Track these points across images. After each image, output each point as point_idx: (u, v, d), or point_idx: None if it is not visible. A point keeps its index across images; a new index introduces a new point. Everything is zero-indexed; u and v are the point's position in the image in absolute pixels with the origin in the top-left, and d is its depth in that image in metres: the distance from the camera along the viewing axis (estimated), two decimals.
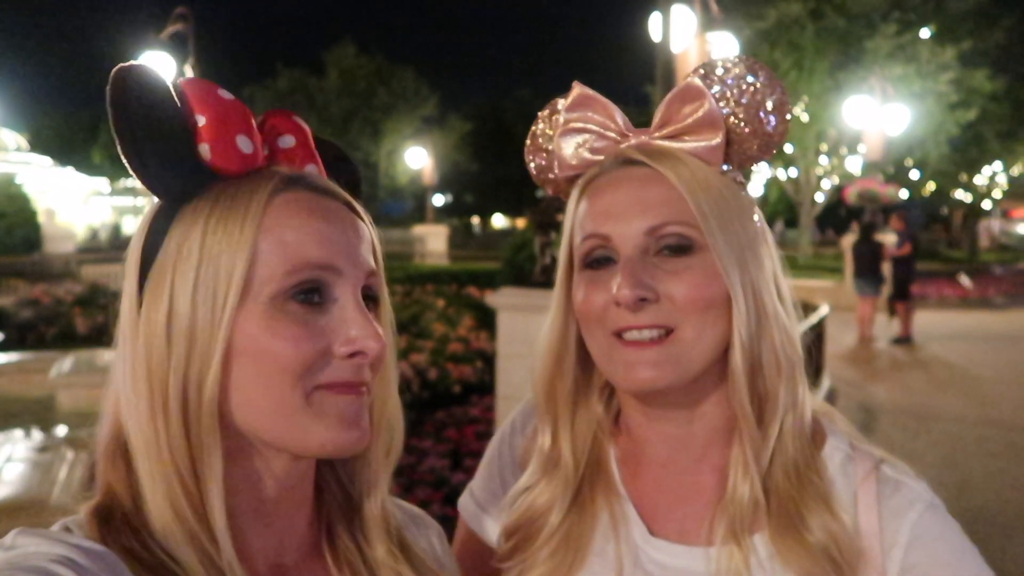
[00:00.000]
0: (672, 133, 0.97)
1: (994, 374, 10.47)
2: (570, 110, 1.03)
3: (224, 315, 0.73)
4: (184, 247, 0.75)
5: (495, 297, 5.08)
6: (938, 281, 20.36)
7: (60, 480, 3.97)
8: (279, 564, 0.84)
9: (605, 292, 0.94)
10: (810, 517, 0.90)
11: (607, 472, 1.05)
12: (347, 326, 0.77)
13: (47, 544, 0.66)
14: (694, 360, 0.93)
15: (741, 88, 0.97)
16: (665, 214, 0.93)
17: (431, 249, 24.59)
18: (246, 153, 0.78)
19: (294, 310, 0.75)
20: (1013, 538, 5.10)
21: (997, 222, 48.13)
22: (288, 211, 0.77)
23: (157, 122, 0.74)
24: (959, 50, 23.12)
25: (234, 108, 0.79)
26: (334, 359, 0.76)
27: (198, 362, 0.74)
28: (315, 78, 37.84)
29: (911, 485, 0.94)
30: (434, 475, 4.99)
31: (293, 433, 0.76)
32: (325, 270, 0.77)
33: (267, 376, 0.74)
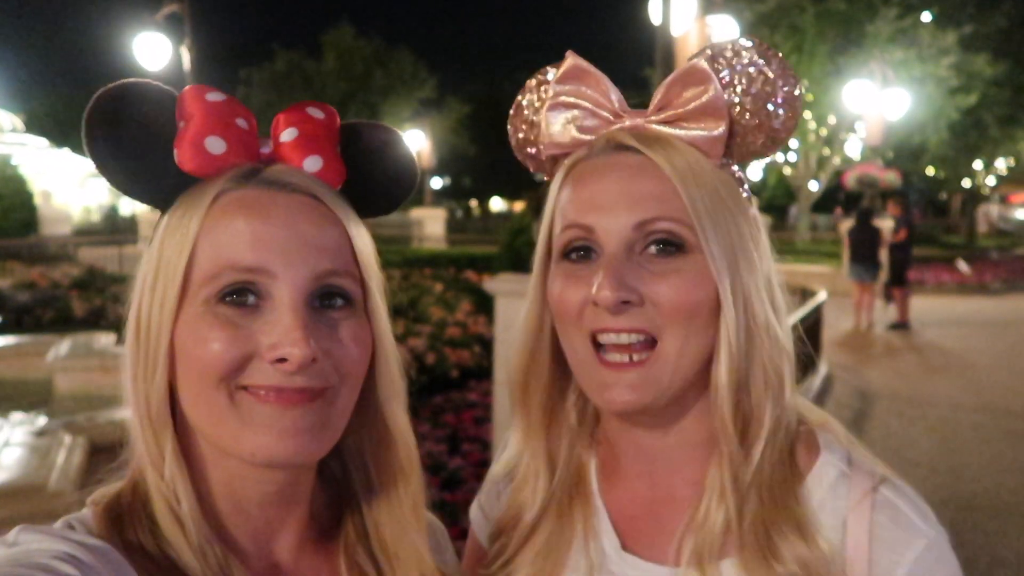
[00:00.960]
0: (670, 118, 0.88)
1: (991, 360, 10.50)
2: (561, 82, 0.94)
3: (165, 315, 0.75)
4: (151, 251, 0.79)
5: (493, 283, 5.07)
6: (936, 267, 20.37)
7: (58, 465, 3.97)
8: (274, 560, 0.84)
9: (584, 289, 0.86)
10: (783, 545, 0.83)
11: (585, 481, 1.00)
12: (274, 331, 0.74)
13: (50, 541, 0.67)
14: (675, 378, 0.86)
15: (751, 75, 0.88)
16: (656, 208, 0.85)
17: (429, 233, 24.54)
18: (215, 154, 0.77)
19: (224, 312, 0.75)
20: (1008, 523, 5.13)
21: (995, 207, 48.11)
22: (226, 212, 0.76)
23: (123, 138, 0.76)
24: (960, 34, 23.00)
25: (216, 109, 0.79)
26: (261, 363, 0.74)
27: (150, 362, 0.77)
28: (312, 60, 37.56)
29: (911, 516, 0.84)
30: (431, 460, 5.01)
31: (224, 437, 0.76)
32: (254, 272, 0.75)
33: (195, 377, 0.75)
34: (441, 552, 1.01)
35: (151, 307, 0.76)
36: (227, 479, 0.80)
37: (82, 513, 0.78)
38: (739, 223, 0.87)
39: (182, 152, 0.77)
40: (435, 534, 1.02)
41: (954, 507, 5.21)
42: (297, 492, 0.85)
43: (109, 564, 0.67)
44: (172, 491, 0.76)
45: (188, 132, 0.77)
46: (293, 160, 0.82)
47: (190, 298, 0.75)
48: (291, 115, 0.84)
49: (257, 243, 0.75)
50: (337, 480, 0.91)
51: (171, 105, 0.79)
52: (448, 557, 1.02)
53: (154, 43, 13.00)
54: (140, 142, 0.77)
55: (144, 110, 0.77)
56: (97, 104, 0.76)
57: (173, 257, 0.76)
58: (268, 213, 0.76)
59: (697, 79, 0.88)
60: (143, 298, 0.77)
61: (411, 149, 0.92)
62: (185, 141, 0.77)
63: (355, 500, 0.90)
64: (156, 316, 0.76)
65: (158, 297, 0.76)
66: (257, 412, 0.75)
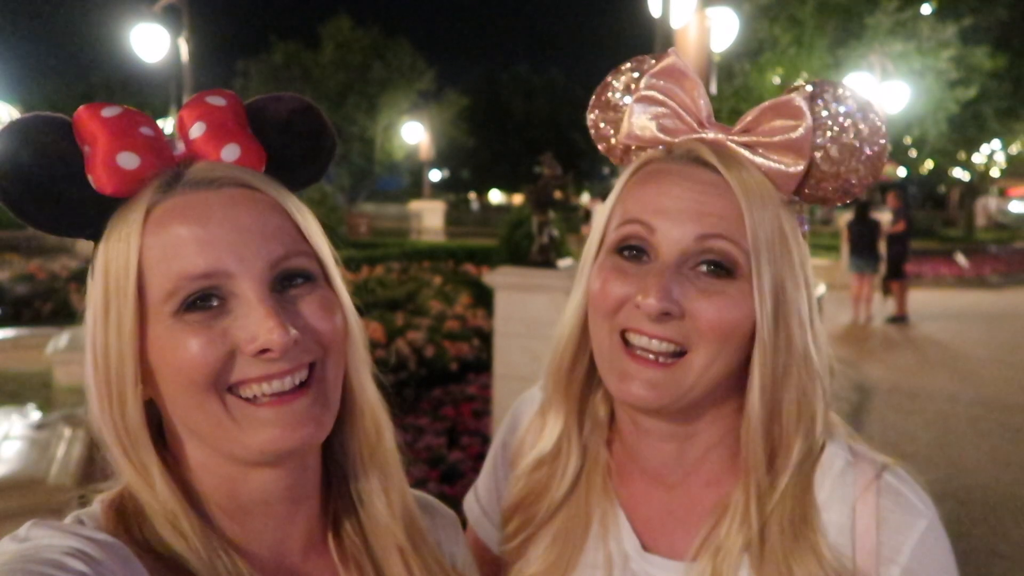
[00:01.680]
0: (752, 143, 0.89)
1: (988, 353, 10.52)
2: (657, 77, 0.94)
3: (125, 341, 0.74)
4: (95, 277, 0.77)
5: (492, 276, 5.07)
6: (934, 260, 20.37)
7: (58, 458, 3.96)
8: (283, 560, 0.84)
9: (628, 287, 0.88)
10: (797, 569, 0.86)
11: (603, 479, 1.02)
12: (248, 325, 0.74)
13: (60, 536, 0.67)
14: (696, 388, 0.88)
15: (844, 125, 0.88)
16: (719, 226, 0.86)
17: (427, 225, 24.49)
18: (130, 170, 0.75)
19: (193, 319, 0.74)
20: (1005, 517, 5.15)
21: (994, 200, 48.09)
22: (163, 223, 0.75)
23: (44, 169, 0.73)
24: (960, 27, 22.94)
25: (117, 124, 0.76)
26: (244, 357, 0.74)
27: (119, 387, 0.75)
28: (310, 51, 37.39)
29: (911, 499, 0.89)
30: (431, 453, 5.02)
31: (227, 441, 0.76)
32: (210, 277, 0.74)
33: (183, 388, 0.74)
34: (452, 544, 1.00)
35: (107, 335, 0.75)
36: (228, 482, 0.79)
37: (91, 509, 0.78)
38: (792, 256, 0.88)
39: (97, 176, 0.75)
40: (446, 525, 1.02)
41: (952, 501, 5.23)
42: (304, 487, 0.85)
43: (119, 560, 0.67)
44: (167, 509, 0.76)
45: (97, 154, 0.75)
46: (209, 154, 0.80)
47: (152, 316, 0.74)
48: (193, 109, 0.82)
49: (204, 248, 0.74)
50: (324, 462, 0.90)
51: (68, 132, 0.76)
52: (460, 550, 1.01)
53: (152, 35, 12.94)
54: (50, 179, 0.74)
55: (43, 145, 0.74)
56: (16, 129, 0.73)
57: (120, 281, 0.74)
58: (206, 215, 0.75)
59: (791, 113, 0.88)
60: (96, 328, 0.76)
61: (319, 110, 0.89)
62: (97, 164, 0.75)
63: (340, 478, 0.89)
64: (115, 342, 0.74)
65: (113, 323, 0.75)
66: (255, 415, 0.75)
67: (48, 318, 9.61)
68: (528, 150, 43.03)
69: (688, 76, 0.93)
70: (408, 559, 0.88)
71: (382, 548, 0.88)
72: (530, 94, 51.62)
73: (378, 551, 0.87)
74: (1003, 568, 4.49)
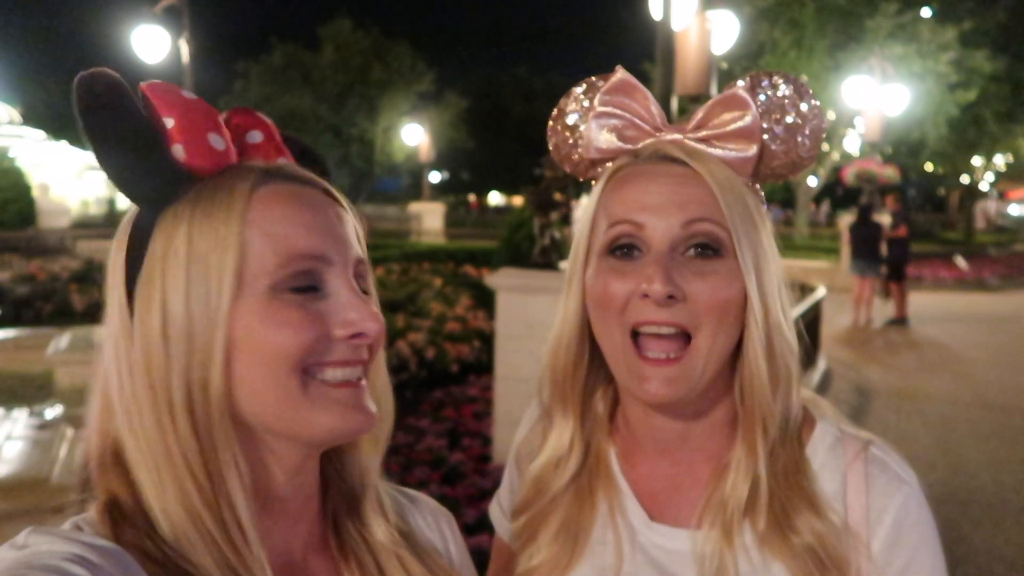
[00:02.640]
0: (707, 137, 0.97)
1: (988, 356, 10.53)
2: (608, 93, 1.02)
3: (220, 312, 0.74)
4: (171, 249, 0.75)
5: (494, 278, 5.08)
6: (934, 263, 20.40)
7: (60, 458, 3.97)
8: (289, 558, 0.84)
9: (629, 283, 0.94)
10: (797, 520, 0.94)
11: (606, 466, 1.07)
12: (344, 310, 0.78)
13: (60, 543, 0.66)
14: (707, 371, 0.95)
15: (784, 108, 0.98)
16: (700, 211, 0.94)
17: (427, 227, 24.50)
18: (219, 150, 0.78)
19: (292, 299, 0.76)
20: (1006, 519, 5.15)
21: (994, 203, 48.11)
22: (272, 203, 0.77)
23: (127, 128, 0.74)
24: (960, 30, 22.97)
25: (200, 107, 0.79)
26: (333, 342, 0.77)
27: (200, 362, 0.74)
28: (310, 53, 37.43)
29: (896, 468, 0.97)
30: (432, 454, 5.02)
31: (299, 421, 0.77)
32: (316, 259, 0.77)
33: (269, 365, 0.74)
34: (446, 541, 1.01)
35: (191, 306, 0.74)
36: (258, 475, 0.79)
37: (88, 515, 0.76)
38: (761, 233, 0.97)
39: (188, 148, 0.77)
40: (440, 522, 1.02)
41: (952, 503, 5.23)
42: (313, 485, 0.87)
43: (119, 565, 0.66)
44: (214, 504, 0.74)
45: (186, 129, 0.77)
46: (265, 160, 0.83)
47: (245, 289, 0.75)
48: (247, 118, 0.85)
49: (313, 231, 0.78)
50: None
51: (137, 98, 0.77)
52: (453, 548, 1.02)
53: (153, 36, 12.96)
54: (138, 133, 0.75)
55: (133, 101, 0.75)
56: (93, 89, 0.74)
57: (214, 251, 0.74)
58: (312, 204, 0.80)
59: (737, 104, 0.97)
60: (171, 298, 0.74)
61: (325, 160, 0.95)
62: (187, 137, 0.77)
63: (335, 475, 0.91)
64: (202, 315, 0.73)
65: (199, 294, 0.73)
66: (329, 395, 0.78)
67: (49, 319, 9.60)
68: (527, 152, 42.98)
69: (638, 88, 1.02)
70: (404, 551, 0.89)
71: (382, 546, 0.89)
72: (530, 96, 51.66)
73: (378, 549, 0.88)
74: (1003, 570, 4.49)
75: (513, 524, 1.10)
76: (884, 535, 0.93)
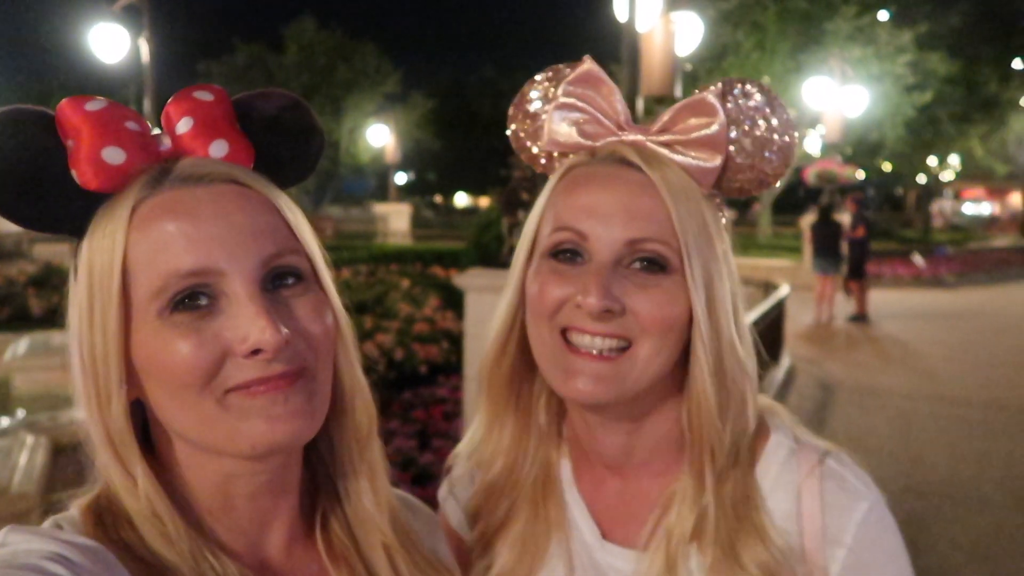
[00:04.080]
0: (671, 142, 0.92)
1: (945, 351, 10.78)
2: (573, 84, 0.96)
3: (111, 340, 0.73)
4: (79, 275, 0.75)
5: (462, 278, 5.07)
6: (892, 260, 20.82)
7: (20, 466, 3.88)
8: (266, 555, 0.83)
9: (566, 288, 0.90)
10: (744, 552, 0.89)
11: (555, 477, 1.03)
12: (239, 325, 0.72)
13: (39, 541, 0.65)
14: (640, 380, 0.90)
15: (755, 120, 0.92)
16: (648, 229, 0.89)
17: (394, 228, 24.36)
18: (115, 165, 0.74)
19: (182, 320, 0.72)
20: (964, 509, 5.28)
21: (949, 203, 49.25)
22: (152, 220, 0.73)
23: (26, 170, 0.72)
24: (916, 33, 23.48)
25: (101, 118, 0.74)
26: (236, 359, 0.73)
27: (104, 388, 0.74)
28: (274, 54, 36.95)
29: (853, 482, 0.93)
30: (401, 456, 4.99)
31: (220, 439, 0.75)
32: (203, 275, 0.72)
33: (174, 390, 0.73)
34: (434, 540, 1.01)
35: (92, 335, 0.73)
36: (215, 479, 0.79)
37: (69, 513, 0.76)
38: (716, 248, 0.92)
39: (81, 171, 0.73)
40: (427, 522, 1.02)
41: (913, 495, 5.35)
42: (287, 481, 0.84)
43: (100, 563, 0.66)
44: (153, 512, 0.75)
45: (81, 149, 0.73)
46: (196, 150, 0.78)
47: (139, 315, 0.73)
48: (180, 104, 0.80)
49: (194, 245, 0.72)
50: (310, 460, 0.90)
51: (50, 125, 0.74)
52: (441, 547, 1.02)
53: (111, 35, 12.70)
54: (32, 172, 0.72)
55: (25, 138, 0.72)
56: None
57: (104, 279, 0.73)
58: (195, 211, 0.73)
59: (705, 111, 0.91)
60: (81, 326, 0.74)
61: (308, 107, 0.88)
62: (81, 159, 0.73)
63: (326, 476, 0.89)
64: (100, 342, 0.73)
65: (98, 323, 0.73)
66: (248, 407, 0.74)
67: (6, 324, 9.36)
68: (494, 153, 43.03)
69: (605, 82, 0.96)
70: (394, 554, 0.88)
71: (369, 543, 0.87)
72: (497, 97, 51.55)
73: (365, 546, 0.87)
74: (962, 558, 4.61)
75: (468, 534, 1.08)
76: (843, 558, 0.89)
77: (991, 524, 5.06)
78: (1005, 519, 5.15)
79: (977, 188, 50.05)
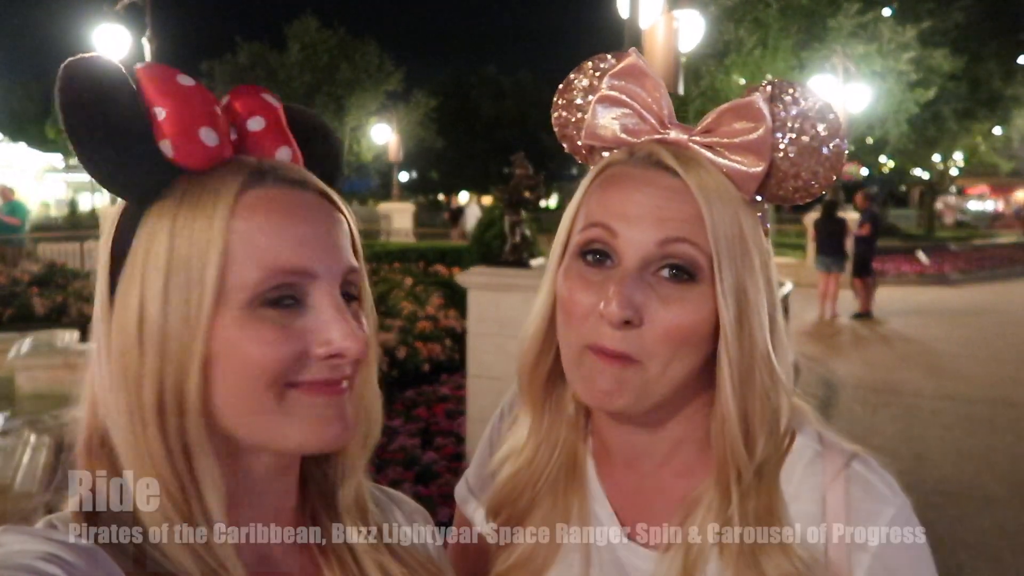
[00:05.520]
0: (713, 144, 0.89)
1: (950, 348, 10.76)
2: (617, 77, 0.94)
3: (200, 323, 0.71)
4: (152, 250, 0.72)
5: (465, 276, 5.07)
6: (896, 257, 20.78)
7: (23, 464, 3.88)
8: (266, 555, 0.83)
9: (594, 296, 0.89)
10: (766, 563, 0.88)
11: (581, 468, 1.03)
12: (325, 328, 0.75)
13: (33, 542, 0.65)
14: (654, 393, 0.89)
15: (804, 126, 0.89)
16: (680, 230, 0.87)
17: (397, 227, 24.38)
18: (211, 146, 0.74)
19: (269, 315, 0.73)
20: (969, 507, 5.27)
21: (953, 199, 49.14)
22: (257, 211, 0.73)
23: (112, 119, 0.70)
24: (919, 29, 23.42)
25: (196, 96, 0.75)
26: (311, 360, 0.75)
27: (175, 370, 0.72)
28: (276, 52, 36.95)
29: (880, 488, 0.92)
30: (405, 454, 5.00)
31: (271, 434, 0.75)
32: (300, 275, 0.74)
33: (245, 380, 0.73)
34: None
35: (167, 313, 0.71)
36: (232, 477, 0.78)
37: (63, 514, 0.76)
38: (753, 257, 0.89)
39: (177, 144, 0.73)
40: (419, 521, 1.02)
41: (917, 492, 5.28)
42: (292, 481, 0.86)
43: (95, 564, 0.65)
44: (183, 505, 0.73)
45: (176, 122, 0.73)
46: (264, 150, 0.79)
47: (223, 302, 0.72)
48: (251, 100, 0.81)
49: (298, 244, 0.74)
50: None
51: (131, 85, 0.73)
52: (432, 546, 1.02)
53: (114, 34, 12.70)
54: (123, 126, 0.71)
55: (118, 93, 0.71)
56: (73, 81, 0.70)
57: (196, 259, 0.71)
58: (299, 213, 0.75)
59: (751, 115, 0.88)
60: (148, 303, 0.72)
61: (335, 134, 0.91)
62: (176, 132, 0.73)
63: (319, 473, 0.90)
64: (179, 323, 0.71)
65: (178, 302, 0.71)
66: (306, 404, 0.76)
67: (9, 323, 9.38)
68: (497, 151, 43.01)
69: (649, 76, 0.93)
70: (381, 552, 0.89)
71: (362, 546, 0.88)
72: (499, 95, 51.61)
73: (359, 548, 0.88)
74: (967, 556, 4.59)
75: (489, 524, 1.07)
76: (867, 563, 0.87)
77: (996, 521, 5.05)
78: (1010, 516, 5.14)
79: (981, 185, 49.93)
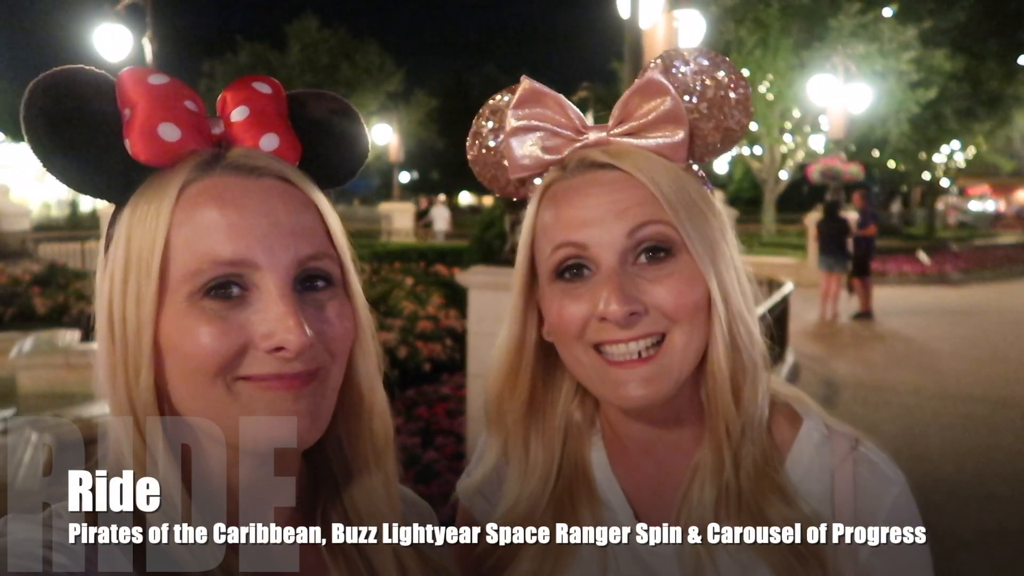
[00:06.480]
0: (632, 130, 0.92)
1: (950, 348, 10.76)
2: (518, 107, 0.96)
3: (146, 316, 0.72)
4: (116, 247, 0.75)
5: (465, 275, 5.08)
6: (897, 257, 20.77)
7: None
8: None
9: (584, 305, 0.89)
10: (770, 511, 0.91)
11: (588, 472, 1.03)
12: (266, 321, 0.73)
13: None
14: (683, 369, 0.91)
15: (704, 82, 0.93)
16: (643, 214, 0.89)
17: (398, 227, 24.40)
18: (170, 142, 0.74)
19: (210, 307, 0.73)
20: (969, 506, 5.27)
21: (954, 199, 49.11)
22: (198, 203, 0.73)
23: (79, 125, 0.72)
24: (920, 29, 23.40)
25: (163, 93, 0.75)
26: (257, 353, 0.73)
27: (133, 363, 0.73)
28: (277, 52, 37.02)
29: (885, 468, 0.97)
30: (405, 453, 5.00)
31: (225, 429, 0.75)
32: (237, 265, 0.73)
33: (189, 373, 0.73)
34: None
35: (125, 305, 0.73)
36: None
37: (66, 504, 0.75)
38: (710, 219, 0.92)
39: (135, 142, 0.74)
40: (424, 519, 1.02)
41: (918, 491, 5.32)
42: (290, 480, 0.84)
43: (100, 552, 0.66)
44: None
45: (137, 120, 0.74)
46: (247, 140, 0.79)
47: (170, 294, 0.73)
48: (238, 92, 0.81)
49: (236, 235, 0.72)
50: (312, 456, 0.90)
51: (110, 90, 0.75)
52: (437, 544, 1.02)
53: (115, 34, 12.71)
54: (86, 134, 0.73)
55: (85, 99, 0.73)
56: (34, 97, 0.72)
57: (144, 252, 0.73)
58: (242, 201, 0.74)
59: (655, 91, 0.92)
60: (114, 296, 0.74)
61: (359, 114, 0.90)
62: (136, 130, 0.74)
63: (329, 475, 0.89)
64: (133, 313, 0.73)
65: (132, 294, 0.73)
66: (257, 399, 0.74)
67: (10, 323, 9.39)
68: None
69: (548, 94, 0.95)
70: (403, 557, 0.88)
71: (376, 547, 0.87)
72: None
73: (370, 548, 0.87)
74: (967, 556, 4.60)
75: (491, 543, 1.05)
76: (873, 538, 0.91)
77: (996, 521, 5.05)
78: (1011, 516, 5.14)
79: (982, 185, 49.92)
